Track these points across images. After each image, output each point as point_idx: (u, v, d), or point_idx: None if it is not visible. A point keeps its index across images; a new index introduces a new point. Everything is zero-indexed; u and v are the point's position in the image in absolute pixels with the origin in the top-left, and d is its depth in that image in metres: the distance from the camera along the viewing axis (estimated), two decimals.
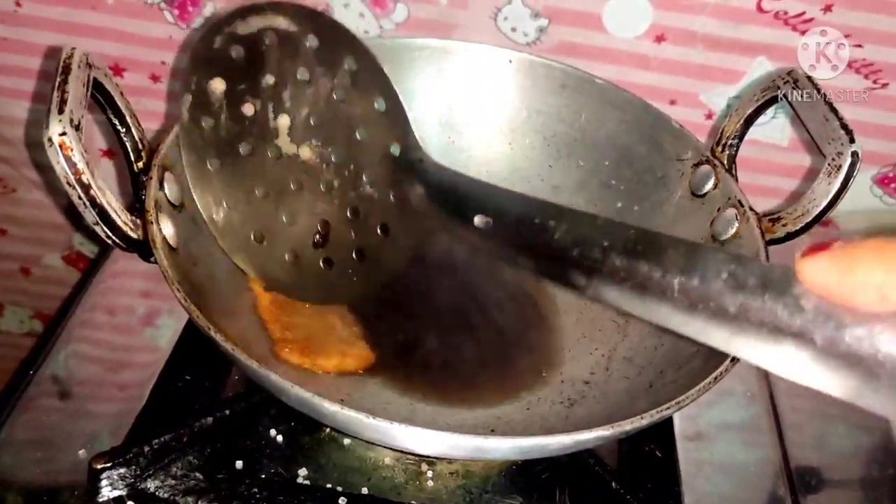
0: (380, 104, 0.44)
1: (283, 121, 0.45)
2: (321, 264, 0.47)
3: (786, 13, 0.62)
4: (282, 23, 0.43)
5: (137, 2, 0.66)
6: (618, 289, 0.33)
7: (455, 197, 0.41)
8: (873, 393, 0.26)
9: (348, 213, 0.46)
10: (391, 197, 0.44)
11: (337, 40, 0.44)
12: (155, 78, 0.71)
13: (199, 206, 0.45)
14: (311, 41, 0.43)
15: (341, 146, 0.45)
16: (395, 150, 0.44)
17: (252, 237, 0.46)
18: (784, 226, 0.50)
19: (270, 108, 0.45)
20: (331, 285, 0.47)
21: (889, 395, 0.26)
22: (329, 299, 0.49)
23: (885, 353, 0.25)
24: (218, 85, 0.45)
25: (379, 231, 0.45)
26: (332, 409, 0.39)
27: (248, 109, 0.45)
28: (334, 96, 0.44)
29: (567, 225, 0.36)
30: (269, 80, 0.45)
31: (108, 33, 0.68)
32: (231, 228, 0.46)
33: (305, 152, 0.45)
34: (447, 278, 0.53)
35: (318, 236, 0.47)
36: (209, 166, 0.45)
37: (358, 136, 0.44)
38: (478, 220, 0.39)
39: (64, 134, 0.39)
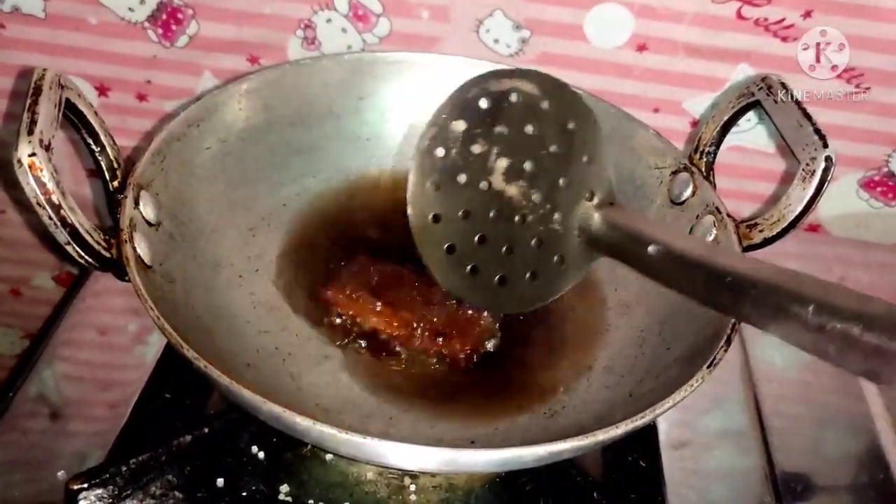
0: (587, 159, 0.51)
1: (502, 163, 0.52)
2: (496, 281, 0.53)
3: (766, 20, 0.62)
4: (528, 87, 0.51)
5: (121, 22, 0.66)
6: (758, 311, 0.39)
7: (634, 231, 0.48)
8: None
9: (533, 243, 0.52)
10: (575, 233, 0.51)
11: (568, 106, 0.51)
12: (141, 97, 0.71)
13: (410, 216, 0.52)
14: (546, 105, 0.51)
15: (544, 189, 0.52)
16: (592, 195, 0.51)
17: (445, 248, 0.52)
18: (761, 231, 0.50)
19: (495, 150, 0.52)
20: (501, 300, 0.54)
21: None
22: (495, 309, 0.55)
23: None
24: (459, 125, 0.52)
25: (555, 259, 0.52)
26: (305, 425, 0.39)
27: (476, 149, 0.52)
28: (551, 149, 0.51)
29: (728, 260, 0.42)
30: (502, 129, 0.52)
31: (93, 53, 0.68)
32: (432, 238, 0.53)
33: (512, 190, 0.52)
34: None
35: (502, 259, 0.53)
36: (428, 186, 0.52)
37: (561, 182, 0.51)
38: (651, 248, 0.45)
39: (33, 155, 0.40)
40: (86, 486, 0.45)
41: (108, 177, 0.48)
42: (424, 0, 0.64)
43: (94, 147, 0.48)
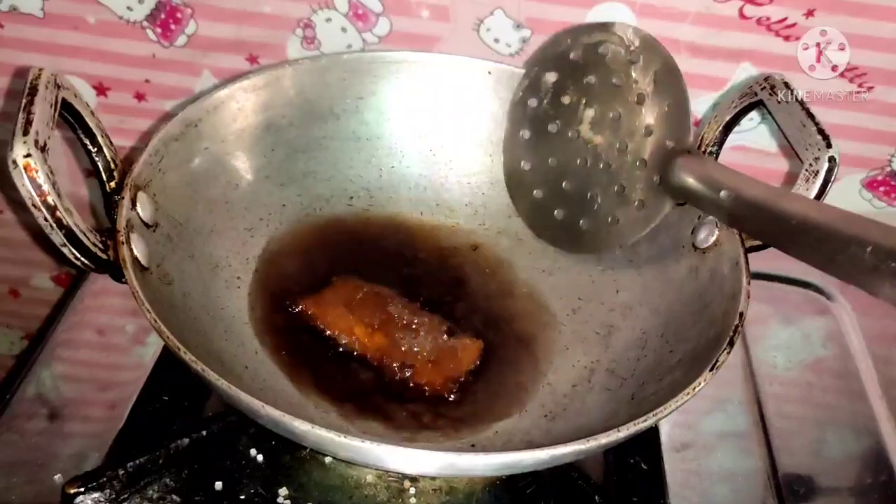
0: (670, 108, 0.53)
1: (590, 112, 0.56)
2: (580, 223, 0.57)
3: (768, 19, 0.62)
4: (617, 40, 0.54)
5: (120, 21, 0.66)
6: (818, 252, 0.41)
7: (709, 177, 0.49)
8: None
9: (615, 188, 0.55)
10: (655, 180, 0.53)
11: (654, 58, 0.53)
12: (139, 96, 0.71)
13: (503, 164, 0.57)
14: (634, 56, 0.54)
15: (628, 137, 0.54)
16: (672, 143, 0.52)
17: (534, 192, 0.57)
18: None
19: (584, 101, 0.55)
20: (582, 241, 0.57)
21: None
22: (577, 250, 0.59)
23: None
24: (551, 77, 0.56)
25: (635, 205, 0.54)
26: (303, 429, 0.39)
27: (566, 99, 0.56)
28: (636, 99, 0.54)
29: (794, 205, 0.44)
30: (591, 80, 0.55)
31: (91, 53, 0.68)
32: (522, 184, 0.58)
33: (598, 139, 0.55)
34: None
35: (586, 204, 0.56)
36: (521, 136, 0.57)
37: (643, 131, 0.53)
38: (723, 193, 0.47)
39: (28, 156, 0.39)
40: (83, 489, 0.44)
41: (104, 177, 0.48)
42: None
43: (90, 147, 0.47)
